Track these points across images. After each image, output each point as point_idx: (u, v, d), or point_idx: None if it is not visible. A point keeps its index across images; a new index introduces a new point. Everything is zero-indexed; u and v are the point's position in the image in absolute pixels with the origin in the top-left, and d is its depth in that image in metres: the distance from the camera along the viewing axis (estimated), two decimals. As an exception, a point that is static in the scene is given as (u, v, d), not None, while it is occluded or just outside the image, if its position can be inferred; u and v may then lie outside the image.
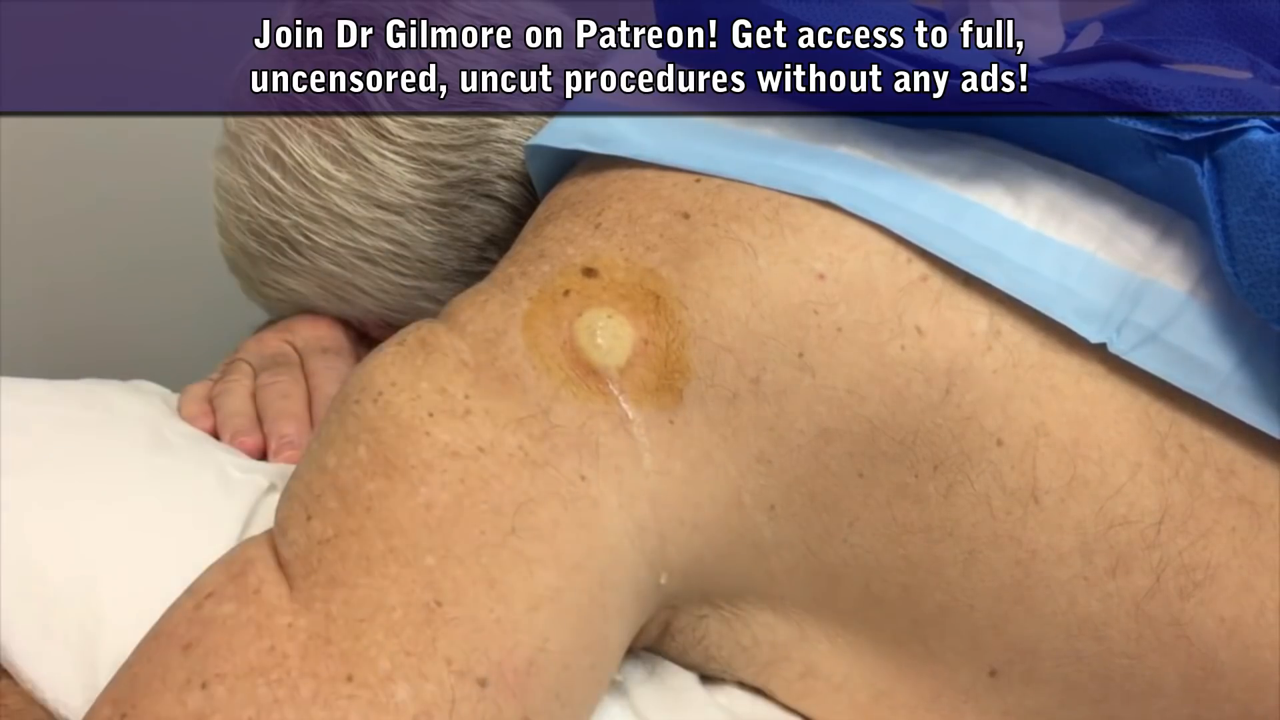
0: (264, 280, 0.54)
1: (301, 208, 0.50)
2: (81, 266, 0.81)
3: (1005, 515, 0.35)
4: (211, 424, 0.49)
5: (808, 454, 0.35)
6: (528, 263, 0.38)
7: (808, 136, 0.39)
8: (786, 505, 0.36)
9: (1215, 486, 0.34)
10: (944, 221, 0.36)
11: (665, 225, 0.37)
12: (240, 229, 0.53)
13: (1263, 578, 0.34)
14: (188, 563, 0.34)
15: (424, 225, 0.49)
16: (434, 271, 0.51)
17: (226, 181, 0.53)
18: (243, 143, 0.51)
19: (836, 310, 0.35)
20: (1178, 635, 0.34)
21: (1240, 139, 0.34)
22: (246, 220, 0.52)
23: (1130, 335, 0.35)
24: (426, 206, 0.49)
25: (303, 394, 0.50)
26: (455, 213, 0.49)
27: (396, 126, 0.48)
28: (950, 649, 0.37)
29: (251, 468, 0.45)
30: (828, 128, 0.39)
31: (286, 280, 0.53)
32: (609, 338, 0.36)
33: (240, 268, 0.56)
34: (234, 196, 0.52)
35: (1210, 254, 0.35)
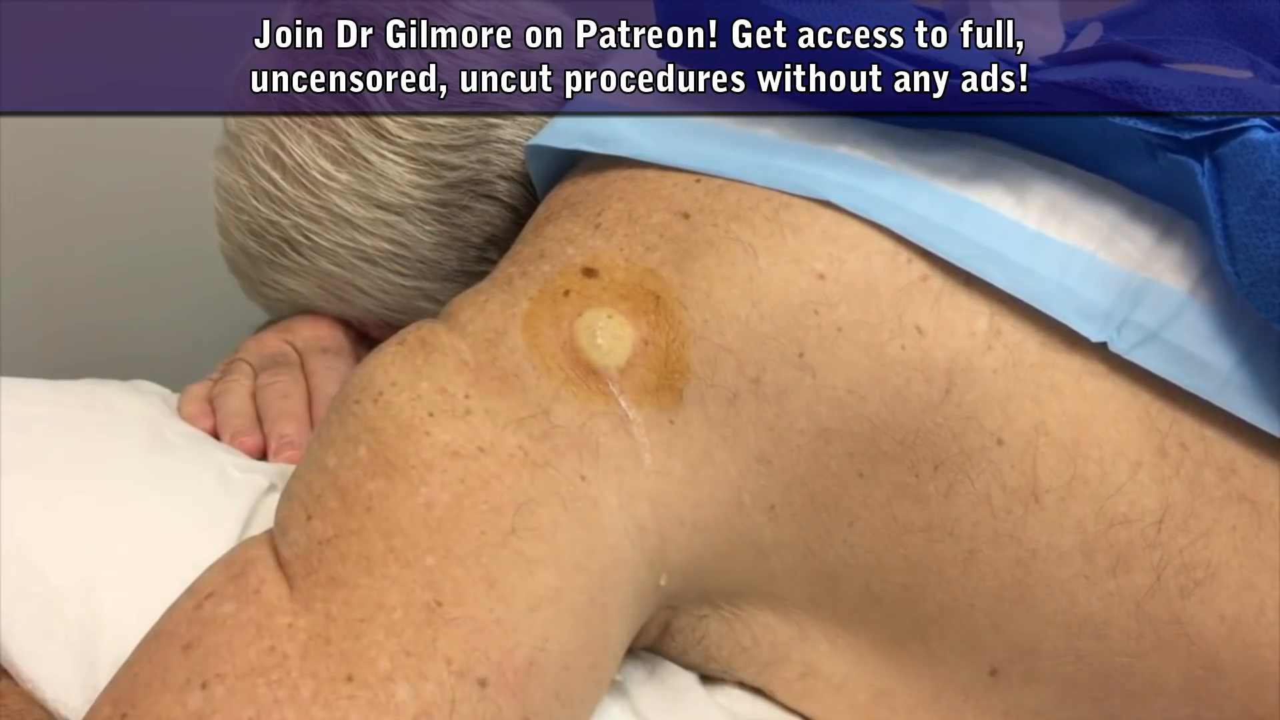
0: (264, 281, 0.54)
1: (301, 208, 0.50)
2: (81, 266, 0.81)
3: (1006, 514, 0.35)
4: (211, 424, 0.49)
5: (808, 454, 0.35)
6: (528, 262, 0.38)
7: (808, 137, 0.39)
8: (787, 505, 0.36)
9: (1216, 485, 0.34)
10: (944, 221, 0.36)
11: (665, 225, 0.37)
12: (240, 229, 0.53)
13: (1263, 576, 0.34)
14: (188, 563, 0.34)
15: (424, 225, 0.49)
16: (434, 272, 0.51)
17: (226, 182, 0.53)
18: (242, 143, 0.51)
19: (837, 310, 0.35)
20: (1178, 634, 0.34)
21: (1241, 138, 0.34)
22: (246, 221, 0.52)
23: (1130, 334, 0.35)
24: (426, 207, 0.49)
25: (303, 394, 0.50)
26: (455, 213, 0.49)
27: (396, 127, 0.48)
28: (951, 649, 0.37)
29: (251, 468, 0.45)
30: (828, 128, 0.39)
31: (286, 280, 0.53)
32: (609, 338, 0.36)
33: (240, 268, 0.56)
34: (234, 197, 0.52)
35: (1210, 253, 0.35)
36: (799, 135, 0.39)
